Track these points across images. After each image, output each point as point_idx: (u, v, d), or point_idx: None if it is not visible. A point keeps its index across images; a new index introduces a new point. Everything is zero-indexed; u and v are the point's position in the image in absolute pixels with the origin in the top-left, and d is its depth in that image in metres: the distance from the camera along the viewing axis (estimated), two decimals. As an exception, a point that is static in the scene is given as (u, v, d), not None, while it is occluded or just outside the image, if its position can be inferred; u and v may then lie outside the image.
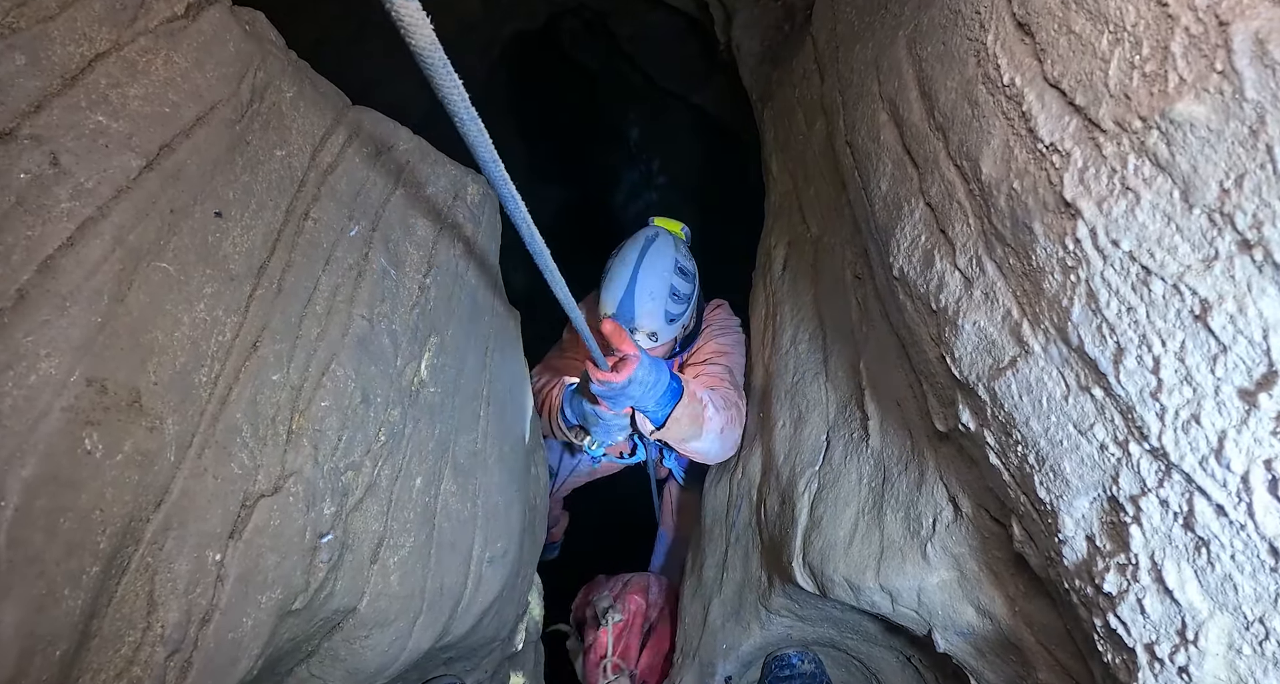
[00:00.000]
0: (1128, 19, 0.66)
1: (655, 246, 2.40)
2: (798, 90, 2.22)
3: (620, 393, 1.87)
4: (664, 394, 1.99)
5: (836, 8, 1.90)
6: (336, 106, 1.34)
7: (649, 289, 2.30)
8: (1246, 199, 0.59)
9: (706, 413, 2.12)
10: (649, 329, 2.29)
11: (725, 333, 2.60)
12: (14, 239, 0.82)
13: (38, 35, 0.88)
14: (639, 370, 1.85)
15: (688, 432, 2.11)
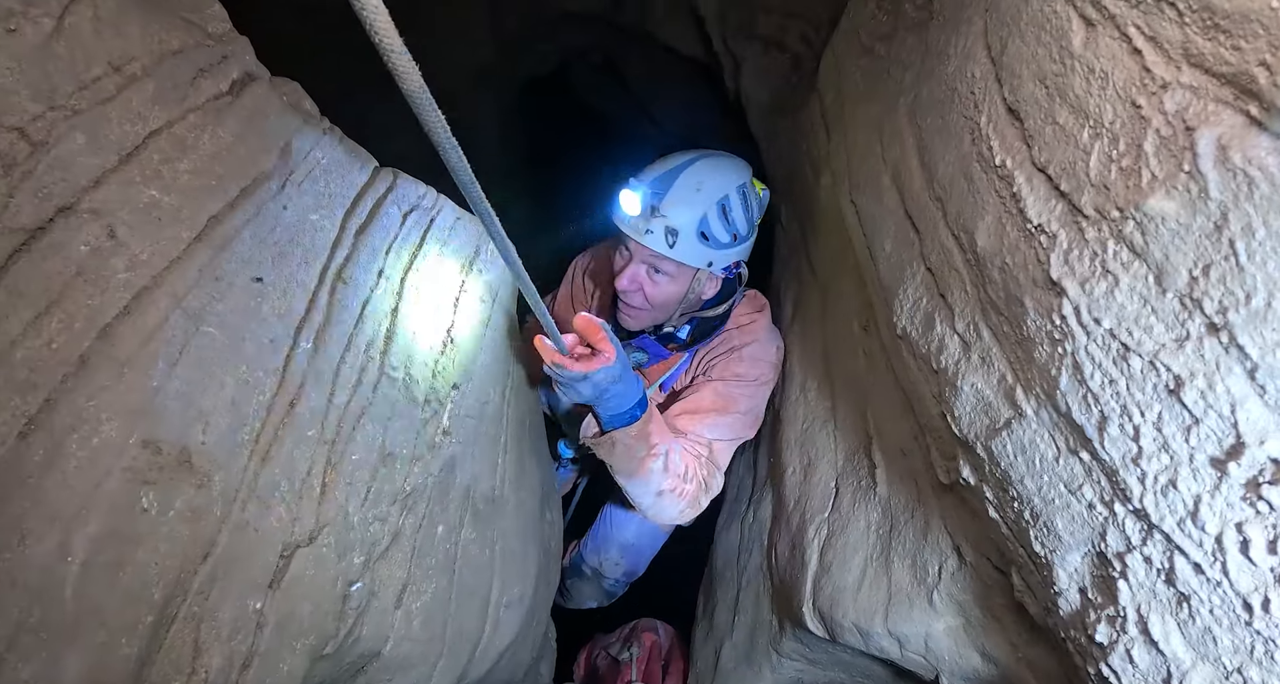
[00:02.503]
0: (1105, 116, 0.73)
1: (730, 156, 2.01)
2: (805, 144, 2.31)
3: (572, 386, 1.66)
4: (618, 413, 1.77)
5: (842, 67, 1.99)
6: (366, 167, 1.43)
7: (698, 181, 1.89)
8: (1213, 287, 0.66)
9: (649, 463, 1.87)
10: (672, 223, 1.85)
11: (757, 361, 2.16)
12: (75, 308, 0.90)
13: (97, 116, 0.96)
14: (600, 374, 1.62)
15: (616, 461, 1.87)
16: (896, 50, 1.63)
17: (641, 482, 1.91)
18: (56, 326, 0.88)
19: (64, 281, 0.90)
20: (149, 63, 1.01)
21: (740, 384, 2.12)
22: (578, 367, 1.60)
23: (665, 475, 1.90)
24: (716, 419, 2.06)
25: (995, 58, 0.96)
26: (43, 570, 0.79)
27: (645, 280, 1.99)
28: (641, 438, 1.83)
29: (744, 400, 2.11)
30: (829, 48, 2.15)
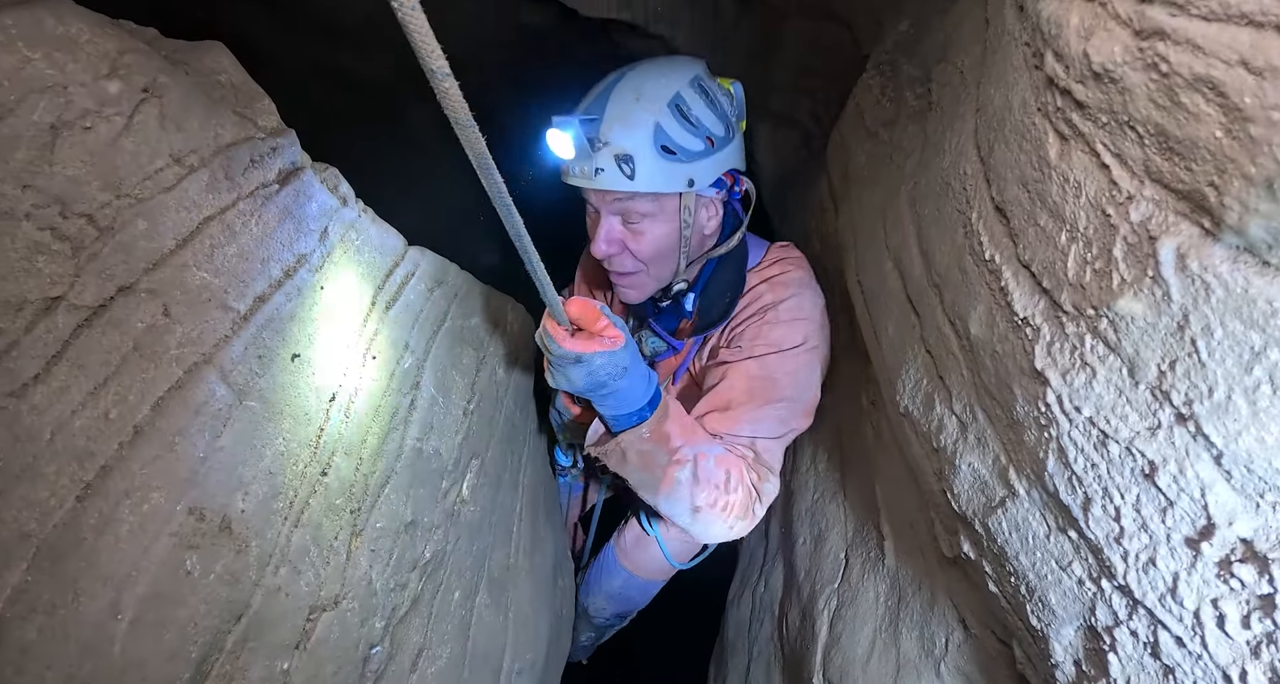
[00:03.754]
0: (1079, 222, 0.81)
1: (669, 58, 1.72)
2: (813, 220, 2.41)
3: (564, 366, 1.39)
4: (624, 414, 1.50)
5: (848, 149, 2.10)
6: (396, 247, 1.52)
7: (636, 88, 1.57)
8: (1179, 380, 0.73)
9: (673, 471, 1.53)
10: (619, 147, 1.52)
11: (797, 321, 1.74)
12: (131, 381, 0.98)
13: (158, 204, 1.06)
14: (600, 358, 1.36)
15: (633, 475, 1.58)
16: (898, 137, 1.73)
17: (670, 497, 1.58)
18: (113, 398, 0.96)
19: (121, 356, 0.98)
20: (206, 155, 1.11)
21: (780, 356, 1.72)
22: (573, 345, 1.35)
23: (698, 486, 1.56)
24: (756, 412, 1.68)
25: (984, 158, 1.04)
26: (94, 627, 0.85)
27: (624, 235, 1.69)
28: (659, 441, 1.52)
29: (787, 381, 1.71)
30: (836, 129, 2.26)
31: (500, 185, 0.84)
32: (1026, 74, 0.90)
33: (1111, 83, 0.69)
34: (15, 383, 0.90)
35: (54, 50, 0.93)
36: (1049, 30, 0.78)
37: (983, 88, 1.13)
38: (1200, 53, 0.58)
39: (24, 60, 0.90)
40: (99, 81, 0.96)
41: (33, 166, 0.92)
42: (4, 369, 0.90)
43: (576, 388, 1.43)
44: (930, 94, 1.63)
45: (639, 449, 1.52)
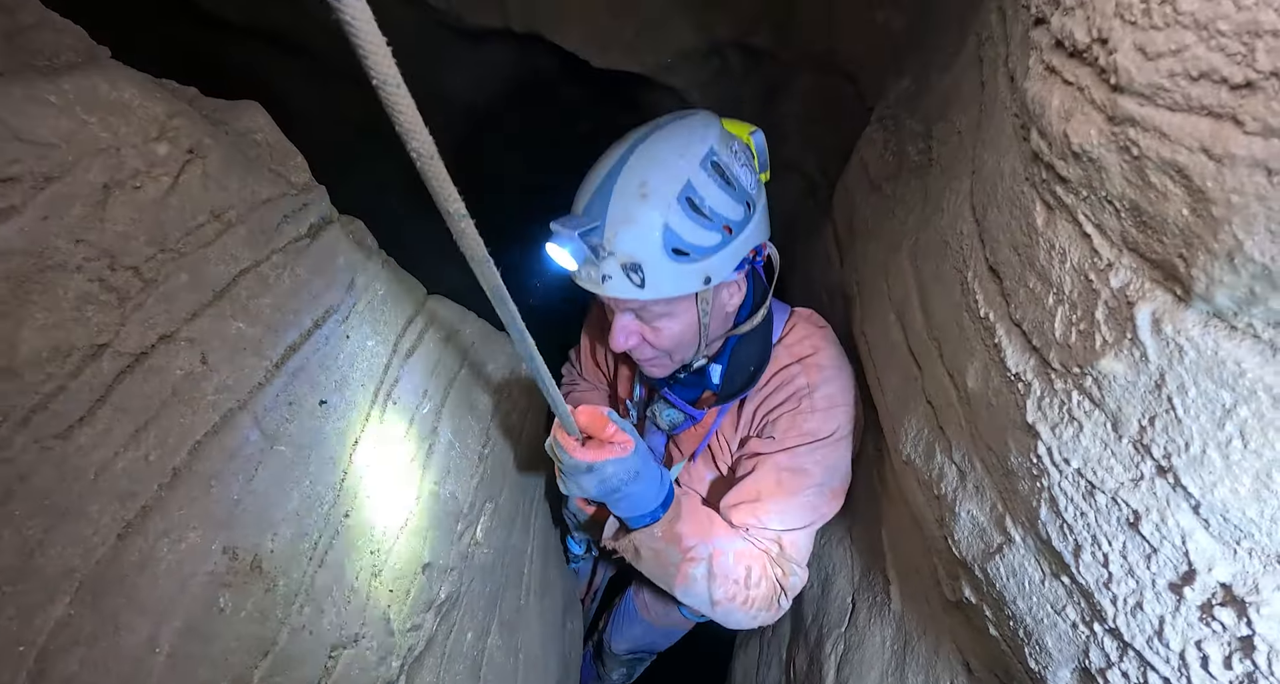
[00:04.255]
0: (1065, 286, 0.87)
1: (676, 122, 1.50)
2: (819, 270, 2.48)
3: (575, 475, 1.38)
4: (639, 513, 1.50)
5: (853, 201, 2.17)
6: (416, 297, 1.59)
7: (641, 180, 1.39)
8: (1159, 435, 0.78)
9: (687, 569, 1.55)
10: (627, 257, 1.39)
11: (833, 410, 1.65)
12: (170, 425, 1.04)
13: (199, 257, 1.13)
14: (610, 466, 1.36)
15: (648, 569, 1.60)
16: (901, 191, 1.81)
17: (687, 591, 1.59)
18: (153, 441, 1.02)
19: (161, 401, 1.04)
20: (243, 211, 1.18)
21: (814, 449, 1.65)
22: (584, 454, 1.35)
23: (715, 582, 1.57)
24: (785, 503, 1.64)
25: (979, 219, 1.11)
26: (133, 660, 0.91)
27: (642, 329, 1.61)
28: (671, 540, 1.53)
29: (818, 470, 1.65)
30: (841, 181, 2.34)
31: (515, 315, 0.93)
32: (1016, 144, 0.96)
33: (1089, 162, 0.75)
34: (61, 425, 0.97)
35: (108, 114, 1.00)
36: (1033, 109, 0.85)
37: (978, 150, 1.20)
38: (1167, 140, 0.65)
39: (81, 124, 0.97)
40: (149, 144, 1.04)
41: (86, 222, 0.99)
42: (51, 412, 0.96)
43: (589, 495, 1.43)
44: (931, 150, 1.70)
45: (652, 547, 1.55)
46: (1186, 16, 0.60)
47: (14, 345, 0.92)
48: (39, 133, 0.92)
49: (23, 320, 0.93)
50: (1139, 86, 0.66)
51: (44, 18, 1.13)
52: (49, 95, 0.94)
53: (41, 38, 1.11)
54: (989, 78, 1.25)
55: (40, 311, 0.95)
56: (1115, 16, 0.68)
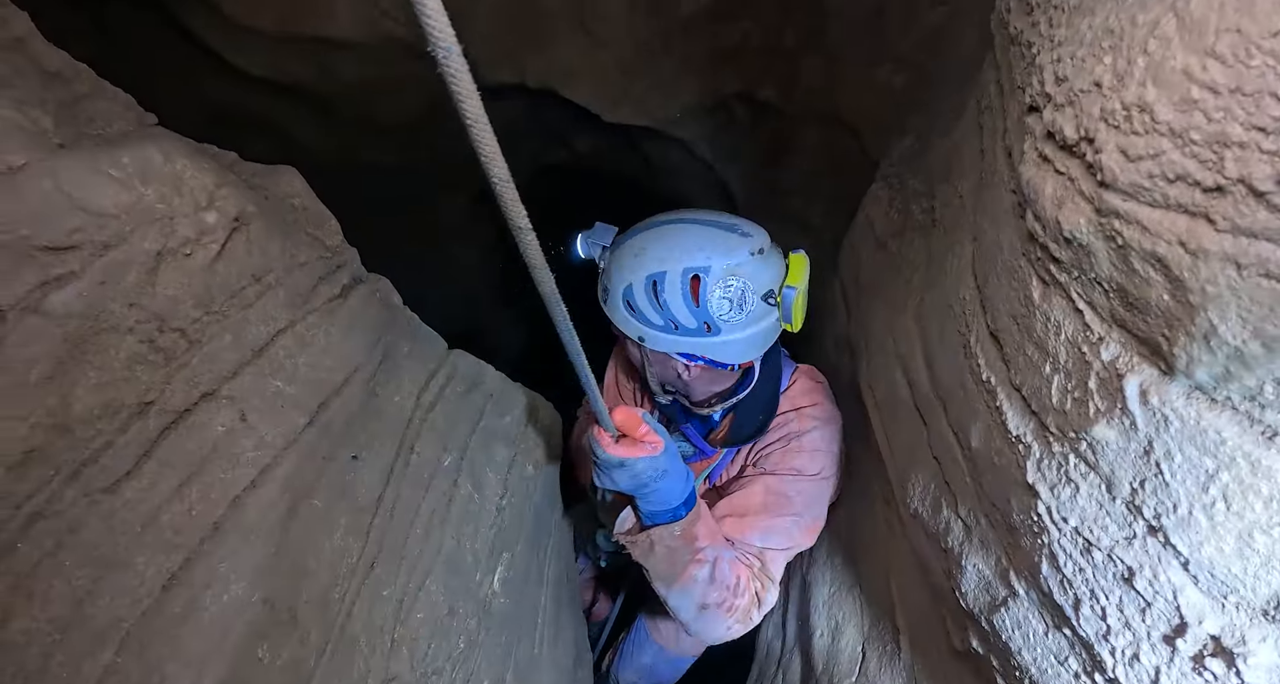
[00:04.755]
0: (1060, 356, 0.94)
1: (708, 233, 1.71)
2: (827, 320, 2.55)
3: (609, 470, 1.54)
4: (660, 510, 1.63)
5: (859, 257, 2.25)
6: (438, 352, 1.67)
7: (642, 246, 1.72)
8: (1149, 497, 0.85)
9: (693, 570, 1.67)
10: (608, 280, 1.78)
11: (817, 453, 1.91)
12: (212, 479, 1.10)
13: (240, 319, 1.20)
14: (642, 463, 1.51)
15: (654, 566, 1.70)
16: (905, 250, 1.88)
17: (683, 592, 1.71)
18: (196, 495, 1.08)
19: (203, 456, 1.11)
20: (282, 274, 1.25)
21: (797, 480, 1.89)
22: (617, 450, 1.52)
23: (711, 587, 1.70)
24: (768, 523, 1.84)
25: (980, 286, 1.18)
26: (177, 709, 0.96)
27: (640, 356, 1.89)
28: (687, 540, 1.67)
29: (800, 500, 1.88)
30: (848, 237, 2.43)
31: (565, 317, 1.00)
32: (1014, 219, 1.04)
33: (1080, 247, 0.83)
34: (110, 479, 1.03)
35: (163, 185, 1.08)
36: (1028, 193, 0.92)
37: (979, 217, 1.27)
38: (1148, 233, 0.72)
39: (139, 196, 1.05)
40: (199, 213, 1.11)
41: (139, 287, 1.06)
42: (101, 466, 1.02)
43: (620, 488, 1.58)
44: (934, 210, 1.78)
45: (667, 544, 1.66)
46: (1163, 125, 0.68)
47: (68, 403, 0.99)
48: (100, 204, 1.00)
49: (77, 379, 1.00)
50: (1122, 184, 0.73)
51: (97, 86, 1.22)
52: (110, 169, 1.02)
53: (95, 106, 1.19)
54: (988, 147, 1.32)
55: (94, 371, 1.02)
56: (1101, 120, 0.76)
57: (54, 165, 0.96)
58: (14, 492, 0.94)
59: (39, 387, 0.96)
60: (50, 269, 0.96)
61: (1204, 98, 0.64)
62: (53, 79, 1.16)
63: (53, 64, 1.18)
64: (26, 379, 0.95)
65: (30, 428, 0.95)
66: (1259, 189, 0.61)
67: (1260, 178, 0.61)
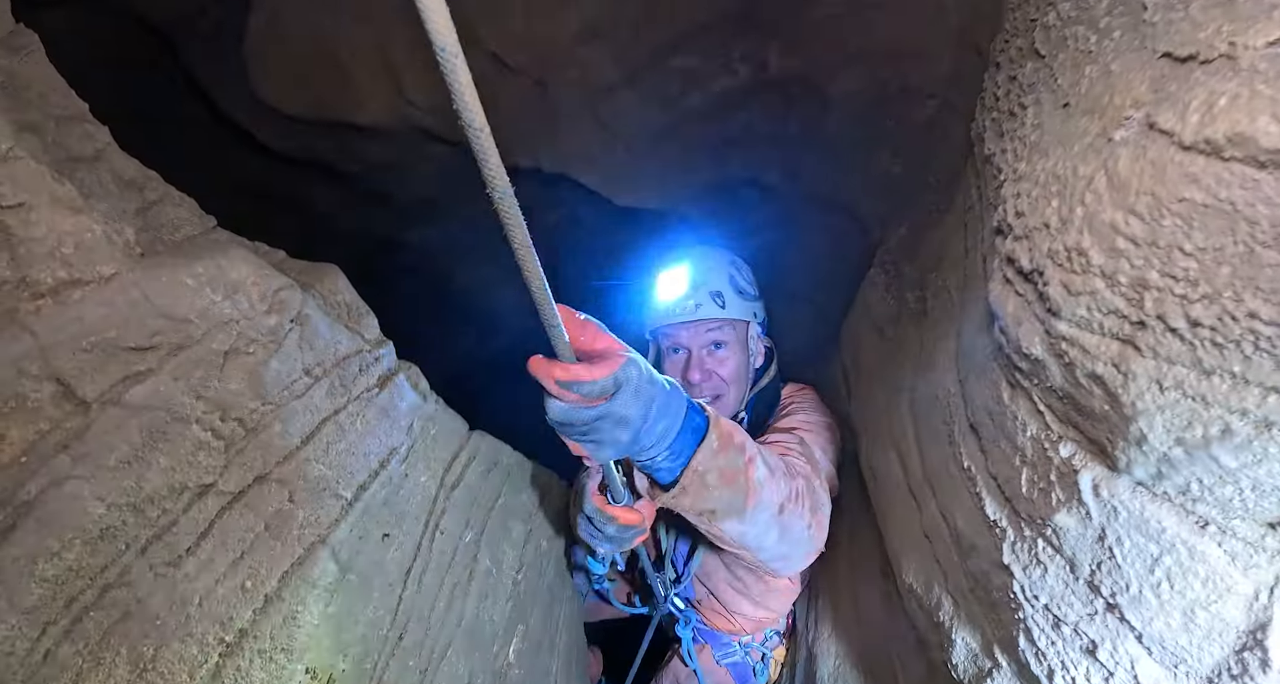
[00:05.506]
0: (1027, 451, 1.07)
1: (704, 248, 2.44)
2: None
3: (598, 417, 1.12)
4: (677, 431, 1.29)
5: (858, 340, 2.39)
6: (461, 433, 1.80)
7: (702, 253, 2.34)
8: (1106, 577, 0.97)
9: (752, 472, 1.42)
10: (713, 286, 2.23)
11: (815, 411, 2.30)
12: (262, 556, 1.23)
13: (290, 409, 1.34)
14: (632, 368, 1.14)
15: (719, 498, 1.39)
16: (901, 336, 2.02)
17: (758, 507, 1.46)
18: (248, 571, 1.21)
19: (255, 535, 1.24)
20: (328, 367, 1.40)
21: (808, 425, 2.18)
22: (601, 370, 1.09)
23: (774, 479, 1.49)
24: (809, 437, 2.08)
25: (962, 381, 1.32)
26: (233, 771, 1.07)
27: (712, 364, 2.23)
28: (727, 445, 1.38)
29: (824, 438, 2.16)
30: (847, 321, 2.57)
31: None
32: (988, 326, 1.18)
33: (1035, 361, 0.97)
34: (173, 554, 1.16)
35: (232, 293, 1.23)
36: (995, 308, 1.07)
37: (962, 314, 1.41)
38: (1088, 354, 0.86)
39: (211, 302, 1.20)
40: (261, 316, 1.27)
41: (206, 382, 1.20)
42: (165, 543, 1.16)
43: (632, 424, 1.18)
44: (925, 300, 1.92)
45: (717, 466, 1.37)
46: (1096, 268, 0.82)
47: (141, 485, 1.13)
48: (178, 310, 1.15)
49: (150, 464, 1.14)
50: (1066, 314, 0.88)
51: (166, 193, 1.39)
52: (187, 278, 1.17)
53: (165, 212, 1.36)
54: (971, 247, 1.47)
55: (164, 456, 1.16)
56: (1047, 257, 0.91)
57: (139, 276, 1.12)
58: (90, 565, 1.08)
59: (117, 470, 1.10)
60: (132, 366, 1.11)
61: (1127, 247, 0.79)
62: (128, 187, 1.33)
63: (128, 172, 1.34)
64: (107, 463, 1.09)
65: (108, 508, 1.09)
66: (1172, 325, 0.76)
67: (1172, 316, 0.76)
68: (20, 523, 1.00)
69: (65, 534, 1.03)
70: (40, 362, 1.03)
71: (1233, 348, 0.73)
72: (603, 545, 1.53)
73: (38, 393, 1.03)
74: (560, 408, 1.11)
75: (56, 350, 1.04)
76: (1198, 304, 0.73)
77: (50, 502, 1.02)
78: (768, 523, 1.51)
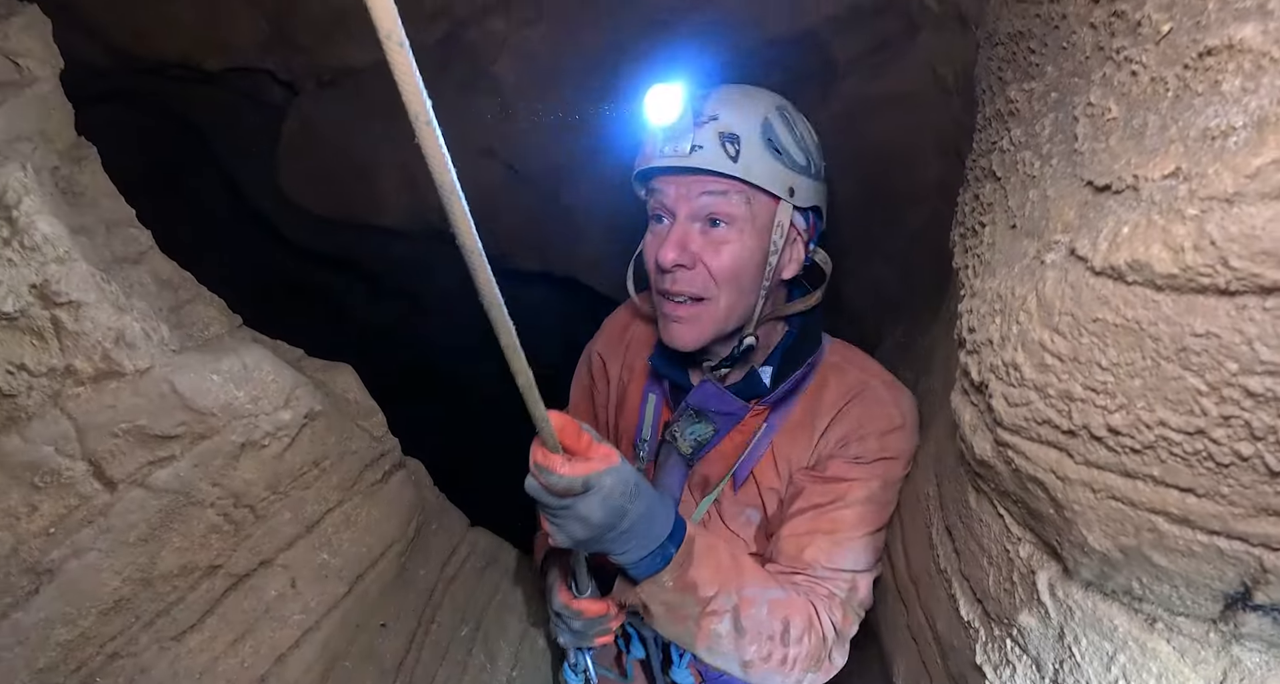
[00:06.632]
0: (992, 552, 1.14)
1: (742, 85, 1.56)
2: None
3: (571, 507, 1.17)
4: (644, 555, 1.30)
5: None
6: (460, 528, 1.89)
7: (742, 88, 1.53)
8: (1068, 674, 1.02)
9: (709, 625, 1.37)
10: (726, 127, 1.44)
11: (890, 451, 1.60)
12: (262, 637, 1.31)
13: (299, 498, 1.43)
14: (608, 477, 1.17)
15: (667, 631, 1.41)
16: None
17: (712, 652, 1.40)
18: (248, 651, 1.29)
19: (256, 617, 1.32)
20: (336, 460, 1.50)
21: (891, 470, 1.60)
22: (574, 469, 1.14)
23: (743, 639, 1.38)
24: (865, 541, 1.55)
25: (939, 485, 1.40)
26: None
27: (701, 246, 1.50)
28: (685, 589, 1.34)
29: (891, 488, 1.60)
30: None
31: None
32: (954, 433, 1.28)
33: (989, 467, 1.06)
34: (178, 629, 1.25)
35: (252, 389, 1.34)
36: (955, 417, 1.17)
37: (941, 419, 1.50)
38: (1030, 461, 0.95)
39: (233, 398, 1.31)
40: (277, 412, 1.37)
41: (223, 471, 1.31)
42: (172, 618, 1.24)
43: (592, 527, 1.20)
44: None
45: (663, 600, 1.35)
46: (1030, 382, 0.92)
47: (155, 562, 1.22)
48: (203, 403, 1.26)
49: (165, 543, 1.24)
50: (1008, 424, 0.97)
51: (198, 293, 1.52)
52: (213, 374, 1.28)
53: (196, 311, 1.48)
54: (949, 355, 1.56)
55: (178, 537, 1.25)
56: (990, 372, 1.01)
57: (171, 371, 1.24)
58: (101, 633, 1.17)
59: (134, 546, 1.20)
60: (157, 452, 1.22)
61: (1054, 363, 0.89)
62: (165, 286, 1.46)
63: (165, 273, 1.48)
64: (126, 539, 1.19)
65: (122, 581, 1.18)
66: (1096, 434, 0.85)
67: (1096, 426, 0.85)
68: (43, 588, 1.09)
69: (82, 602, 1.13)
70: (76, 443, 1.14)
71: (1150, 453, 0.82)
72: (571, 640, 1.51)
73: (71, 471, 1.14)
74: (531, 485, 1.17)
75: (92, 434, 1.15)
76: (1116, 414, 0.83)
77: (71, 571, 1.12)
78: (729, 666, 1.45)
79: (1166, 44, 0.88)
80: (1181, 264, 0.73)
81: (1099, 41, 1.05)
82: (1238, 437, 0.74)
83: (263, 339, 1.54)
